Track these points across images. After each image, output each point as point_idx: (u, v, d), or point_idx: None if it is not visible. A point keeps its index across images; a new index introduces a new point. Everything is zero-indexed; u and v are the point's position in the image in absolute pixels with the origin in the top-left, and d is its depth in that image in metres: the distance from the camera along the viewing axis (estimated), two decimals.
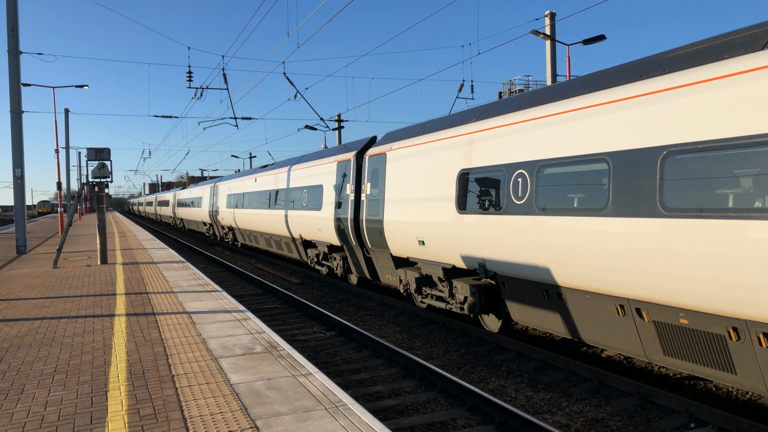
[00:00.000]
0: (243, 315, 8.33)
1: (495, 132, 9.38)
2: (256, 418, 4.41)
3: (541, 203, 8.18)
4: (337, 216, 15.49)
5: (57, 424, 4.40)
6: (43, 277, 12.78)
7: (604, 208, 7.15)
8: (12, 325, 7.94)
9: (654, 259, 6.49)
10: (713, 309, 5.97)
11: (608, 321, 7.50)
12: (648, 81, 6.86)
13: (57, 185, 33.06)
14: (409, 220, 11.85)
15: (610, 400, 7.21)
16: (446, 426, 6.46)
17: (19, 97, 18.37)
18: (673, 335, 6.63)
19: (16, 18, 18.17)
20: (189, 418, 4.43)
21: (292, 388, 5.09)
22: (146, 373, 5.60)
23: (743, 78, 5.69)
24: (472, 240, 9.78)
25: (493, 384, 7.99)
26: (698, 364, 6.49)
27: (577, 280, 7.67)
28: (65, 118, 48.86)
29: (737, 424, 6.03)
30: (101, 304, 9.33)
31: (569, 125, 7.82)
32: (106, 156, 15.06)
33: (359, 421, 4.34)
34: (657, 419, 6.60)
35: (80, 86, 33.28)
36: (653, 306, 6.74)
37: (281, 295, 14.86)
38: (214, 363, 5.90)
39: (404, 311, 12.75)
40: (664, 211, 6.36)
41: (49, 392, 5.13)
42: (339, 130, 34.86)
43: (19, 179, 18.44)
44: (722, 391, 7.41)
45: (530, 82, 37.66)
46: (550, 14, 20.51)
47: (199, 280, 12.02)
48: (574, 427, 6.47)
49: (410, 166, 11.98)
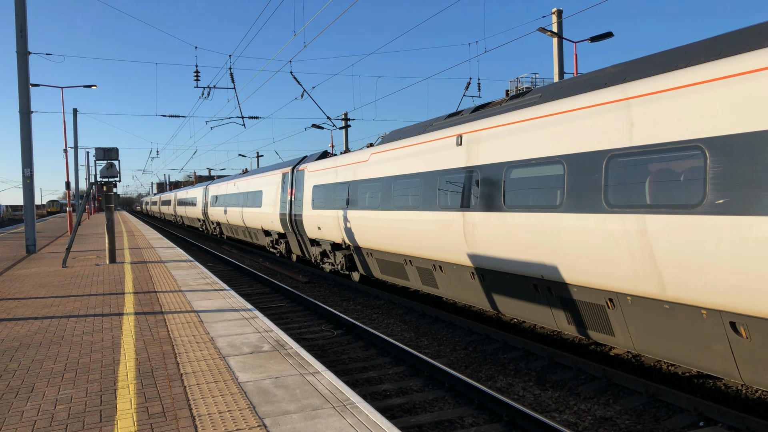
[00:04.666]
0: (251, 314, 8.35)
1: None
2: (264, 416, 4.42)
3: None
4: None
5: (67, 422, 4.43)
6: (53, 276, 12.86)
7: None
8: (22, 323, 8.00)
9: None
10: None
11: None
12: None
13: (66, 185, 33.25)
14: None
15: (618, 399, 7.18)
16: (454, 424, 6.46)
17: (28, 97, 18.49)
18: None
19: (24, 19, 18.27)
20: (197, 417, 4.45)
21: (299, 386, 5.10)
22: (155, 372, 5.62)
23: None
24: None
25: (500, 382, 7.98)
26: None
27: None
28: (74, 118, 49.16)
29: (746, 422, 5.99)
30: (110, 303, 9.38)
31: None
32: (114, 156, 15.13)
33: (367, 419, 4.34)
34: (666, 418, 6.57)
35: (88, 86, 33.46)
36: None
37: (288, 293, 14.89)
38: (222, 361, 5.92)
39: (411, 310, 12.75)
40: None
41: (59, 390, 5.16)
42: (346, 129, 34.86)
43: (29, 179, 18.57)
44: (732, 390, 7.36)
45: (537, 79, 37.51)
46: (557, 11, 20.41)
47: (207, 278, 12.06)
48: (582, 426, 6.45)
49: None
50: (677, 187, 6.34)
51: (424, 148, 11.68)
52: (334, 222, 16.00)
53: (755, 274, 5.48)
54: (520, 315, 9.44)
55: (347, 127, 34.70)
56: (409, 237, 11.93)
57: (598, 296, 7.65)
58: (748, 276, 5.54)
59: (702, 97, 6.06)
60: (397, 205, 12.49)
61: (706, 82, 6.04)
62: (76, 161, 52.43)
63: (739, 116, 5.68)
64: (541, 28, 19.57)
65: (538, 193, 8.34)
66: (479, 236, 9.65)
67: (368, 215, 13.78)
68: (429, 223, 11.12)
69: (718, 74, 5.91)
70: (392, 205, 12.62)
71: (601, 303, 7.65)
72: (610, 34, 19.62)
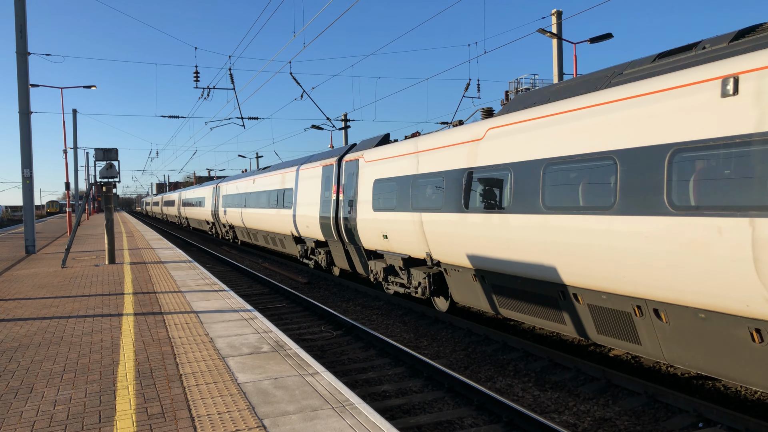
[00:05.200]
0: (250, 314, 8.35)
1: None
2: (263, 417, 4.42)
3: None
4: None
5: (66, 422, 4.43)
6: (52, 277, 12.86)
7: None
8: (21, 324, 7.99)
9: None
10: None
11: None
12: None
13: (65, 185, 33.25)
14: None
15: (617, 400, 7.18)
16: (453, 425, 6.46)
17: (27, 97, 18.49)
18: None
19: (24, 19, 18.28)
20: (196, 417, 4.45)
21: (299, 387, 5.11)
22: (154, 372, 5.62)
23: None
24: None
25: (500, 383, 7.98)
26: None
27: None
28: (73, 119, 49.20)
29: (746, 423, 5.99)
30: (109, 304, 9.38)
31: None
32: (113, 156, 15.14)
33: (366, 420, 4.34)
34: (665, 419, 6.57)
35: (88, 87, 33.46)
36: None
37: (288, 294, 14.89)
38: (221, 362, 5.92)
39: (411, 311, 12.75)
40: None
41: (58, 391, 5.16)
42: (345, 130, 34.88)
43: (28, 179, 18.56)
44: (731, 391, 7.36)
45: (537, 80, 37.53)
46: (557, 12, 20.44)
47: (206, 279, 12.06)
48: (582, 427, 6.45)
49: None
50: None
51: (629, 106, 6.92)
52: (412, 229, 11.81)
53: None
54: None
55: (347, 128, 34.73)
56: (589, 257, 7.42)
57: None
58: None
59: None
60: (556, 205, 7.92)
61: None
62: (75, 162, 52.46)
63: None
64: (541, 29, 19.59)
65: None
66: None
67: (503, 221, 8.95)
68: (657, 238, 6.46)
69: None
70: (544, 207, 8.12)
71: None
72: (610, 35, 19.64)
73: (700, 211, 5.99)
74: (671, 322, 6.68)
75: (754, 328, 5.76)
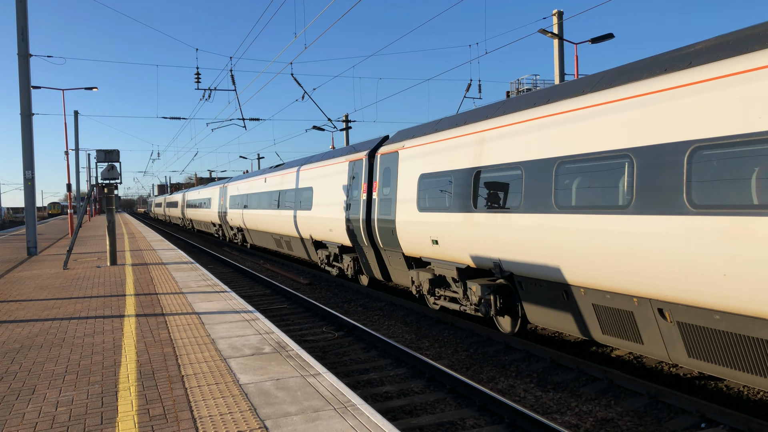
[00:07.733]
0: (252, 315, 8.35)
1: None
2: (265, 418, 4.42)
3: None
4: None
5: (68, 424, 4.43)
6: (54, 278, 12.87)
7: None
8: (23, 325, 8.00)
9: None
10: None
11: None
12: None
13: (67, 187, 33.30)
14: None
15: (620, 400, 7.17)
16: (455, 426, 6.45)
17: (29, 99, 18.52)
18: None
19: (25, 21, 18.31)
20: (198, 419, 4.45)
21: (300, 388, 5.10)
22: (156, 374, 5.62)
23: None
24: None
25: (502, 384, 7.97)
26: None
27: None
28: (75, 120, 49.24)
29: (748, 424, 5.98)
30: (111, 305, 9.38)
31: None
32: (115, 158, 15.15)
33: (368, 421, 4.34)
34: (667, 419, 6.56)
35: (89, 88, 33.51)
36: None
37: (290, 295, 14.89)
38: (223, 363, 5.92)
39: (413, 311, 12.74)
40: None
41: (60, 392, 5.16)
42: (346, 131, 34.89)
43: (30, 181, 18.59)
44: (733, 391, 7.35)
45: (538, 81, 37.53)
46: (558, 13, 20.43)
47: (207, 280, 12.07)
48: (584, 427, 6.44)
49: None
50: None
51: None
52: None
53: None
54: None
55: (348, 129, 34.74)
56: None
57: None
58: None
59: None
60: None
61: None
62: (77, 163, 52.49)
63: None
64: (542, 29, 19.58)
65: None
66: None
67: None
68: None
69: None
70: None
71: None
72: (611, 36, 19.63)
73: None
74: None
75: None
